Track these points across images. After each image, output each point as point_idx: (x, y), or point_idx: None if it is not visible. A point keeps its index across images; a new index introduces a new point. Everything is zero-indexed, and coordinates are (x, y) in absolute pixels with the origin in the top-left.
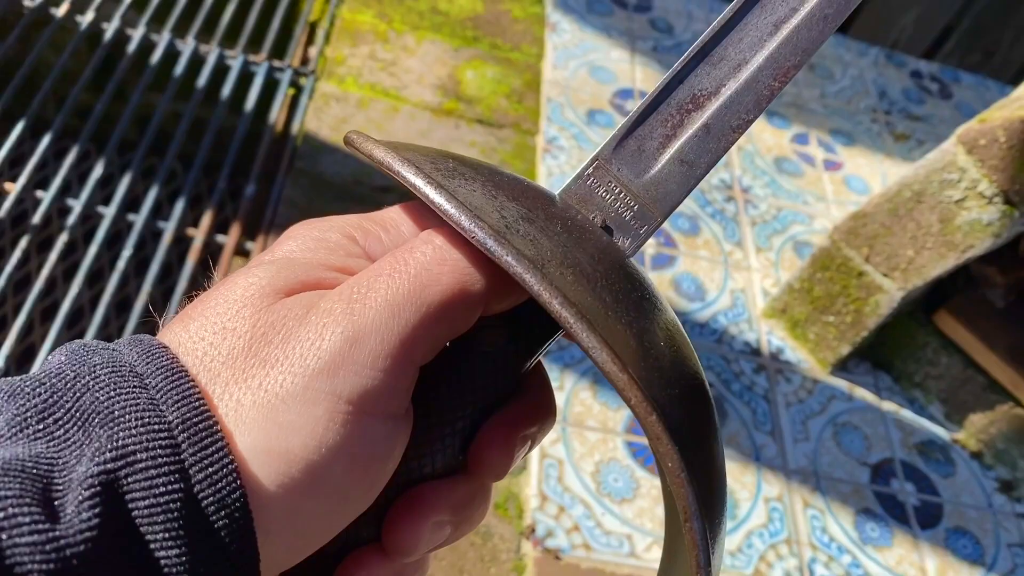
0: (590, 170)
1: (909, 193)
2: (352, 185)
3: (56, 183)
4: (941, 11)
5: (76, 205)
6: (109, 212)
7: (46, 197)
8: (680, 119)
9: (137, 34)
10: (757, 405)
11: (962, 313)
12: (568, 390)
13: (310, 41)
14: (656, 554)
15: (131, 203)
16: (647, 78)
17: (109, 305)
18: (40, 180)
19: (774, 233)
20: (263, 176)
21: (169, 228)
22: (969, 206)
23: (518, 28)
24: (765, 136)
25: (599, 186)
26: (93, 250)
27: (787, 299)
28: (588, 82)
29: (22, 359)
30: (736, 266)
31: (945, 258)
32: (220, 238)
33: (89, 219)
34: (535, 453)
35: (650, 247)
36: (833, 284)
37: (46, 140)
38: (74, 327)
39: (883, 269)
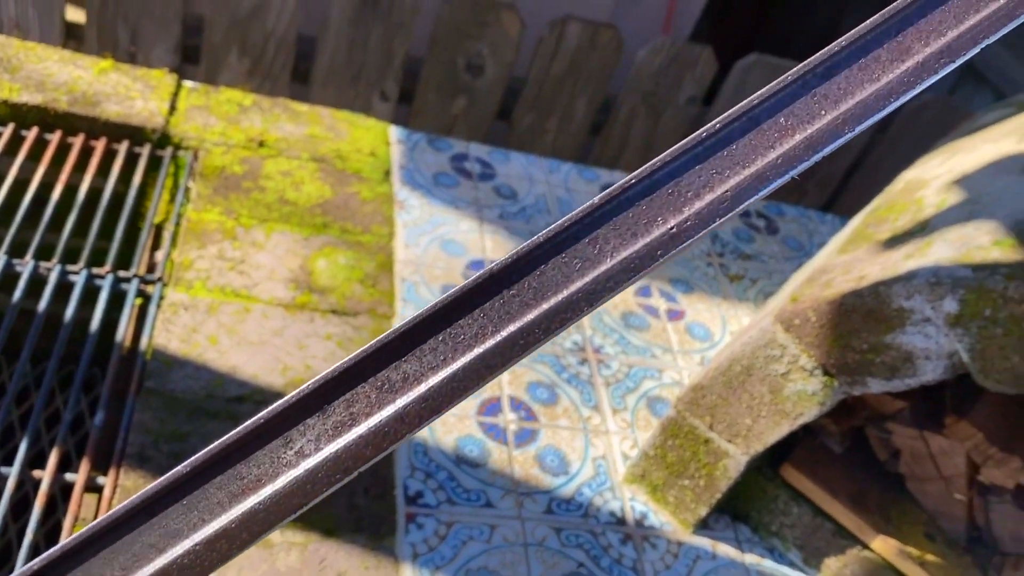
0: None
1: (739, 367)
2: (204, 400)
3: None
4: None
5: None
6: None
7: None
8: None
9: None
10: None
11: (805, 464)
12: None
13: (156, 245)
14: None
15: None
16: (496, 246)
17: None
18: None
19: (628, 392)
20: (112, 400)
21: (12, 473)
22: (794, 378)
23: (367, 209)
24: None
25: None
26: None
27: (644, 465)
28: (441, 257)
29: None
30: (595, 431)
31: (780, 425)
32: (70, 476)
33: None
34: None
35: (512, 423)
36: (684, 451)
37: None
38: None
39: (726, 436)
